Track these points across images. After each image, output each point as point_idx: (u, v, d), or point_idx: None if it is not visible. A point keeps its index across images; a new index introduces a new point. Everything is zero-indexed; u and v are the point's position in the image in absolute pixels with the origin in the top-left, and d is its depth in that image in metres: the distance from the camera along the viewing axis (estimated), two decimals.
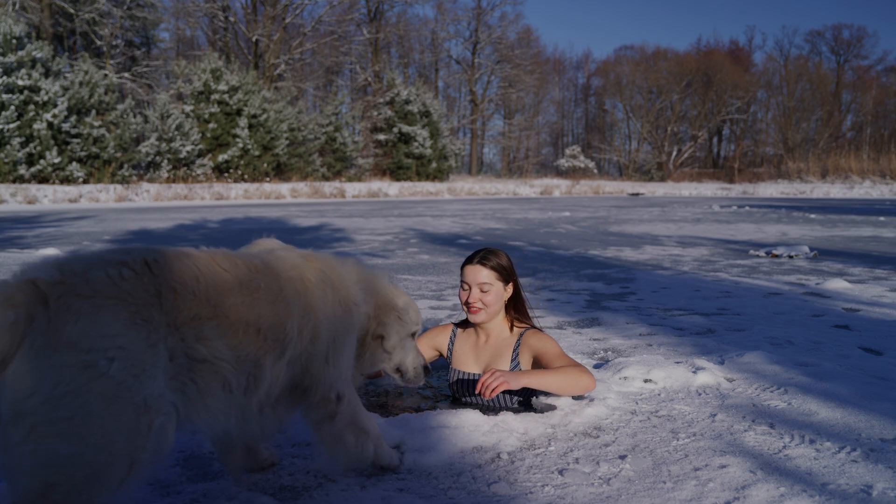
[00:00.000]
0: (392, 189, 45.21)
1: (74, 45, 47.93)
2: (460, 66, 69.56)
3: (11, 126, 32.37)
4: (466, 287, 3.56)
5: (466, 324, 3.76)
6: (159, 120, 39.21)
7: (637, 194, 50.77)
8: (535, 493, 2.49)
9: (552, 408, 3.40)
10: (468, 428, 3.02)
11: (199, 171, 40.56)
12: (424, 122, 52.22)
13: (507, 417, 3.20)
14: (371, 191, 43.24)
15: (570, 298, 7.10)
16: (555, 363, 3.37)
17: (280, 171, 44.56)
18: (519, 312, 3.69)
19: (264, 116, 43.03)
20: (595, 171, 69.90)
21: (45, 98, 33.69)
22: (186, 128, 40.07)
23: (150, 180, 38.56)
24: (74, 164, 34.75)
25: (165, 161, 39.29)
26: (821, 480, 2.57)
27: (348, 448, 2.55)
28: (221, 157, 41.69)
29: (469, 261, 3.58)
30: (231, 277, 2.17)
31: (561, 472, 2.66)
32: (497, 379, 3.08)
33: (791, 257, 10.81)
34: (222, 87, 41.85)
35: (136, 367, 1.87)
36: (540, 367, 3.53)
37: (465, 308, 3.60)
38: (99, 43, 46.67)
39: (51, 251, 10.91)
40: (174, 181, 39.19)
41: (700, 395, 3.66)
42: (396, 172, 51.21)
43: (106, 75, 38.22)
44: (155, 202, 33.67)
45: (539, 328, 3.71)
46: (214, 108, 41.85)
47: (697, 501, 2.42)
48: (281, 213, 23.61)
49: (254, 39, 51.27)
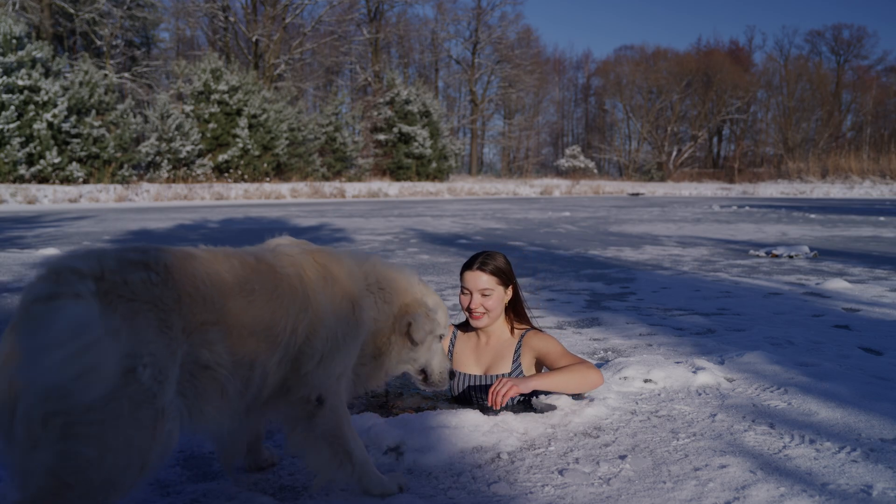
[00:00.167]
0: (392, 189, 45.21)
1: (74, 45, 47.93)
2: (460, 66, 69.62)
3: (11, 126, 32.37)
4: (467, 292, 3.55)
5: (467, 326, 3.76)
6: (159, 120, 39.21)
7: (637, 194, 50.76)
8: (535, 493, 2.49)
9: (552, 408, 3.40)
10: (468, 428, 3.02)
11: (199, 171, 40.56)
12: (424, 122, 52.21)
13: (507, 417, 3.20)
14: (371, 191, 43.23)
15: (570, 298, 7.10)
16: (560, 362, 3.38)
17: (280, 171, 44.55)
18: (518, 315, 3.69)
19: (264, 116, 43.03)
20: (595, 171, 69.89)
21: (45, 98, 33.69)
22: (186, 128, 40.06)
23: (150, 180, 38.55)
24: (74, 164, 34.75)
25: (165, 161, 39.29)
26: (821, 480, 2.57)
27: (322, 461, 2.40)
28: (221, 157, 41.69)
29: (469, 266, 3.57)
30: (231, 279, 2.15)
31: (561, 472, 2.66)
32: (506, 385, 3.10)
33: (791, 257, 10.81)
34: (222, 87, 41.85)
35: (162, 373, 1.88)
36: (544, 367, 3.55)
37: (466, 313, 3.60)
38: (99, 43, 46.68)
39: (51, 251, 10.91)
40: (174, 181, 39.19)
41: (700, 395, 3.66)
42: (396, 172, 51.21)
43: (106, 75, 38.23)
44: (155, 202, 33.67)
45: (539, 328, 3.72)
46: (214, 108, 41.85)
47: (697, 501, 2.42)
48: (281, 213, 23.61)
49: (254, 39, 51.27)
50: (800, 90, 71.96)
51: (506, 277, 3.58)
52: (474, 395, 3.57)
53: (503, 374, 3.53)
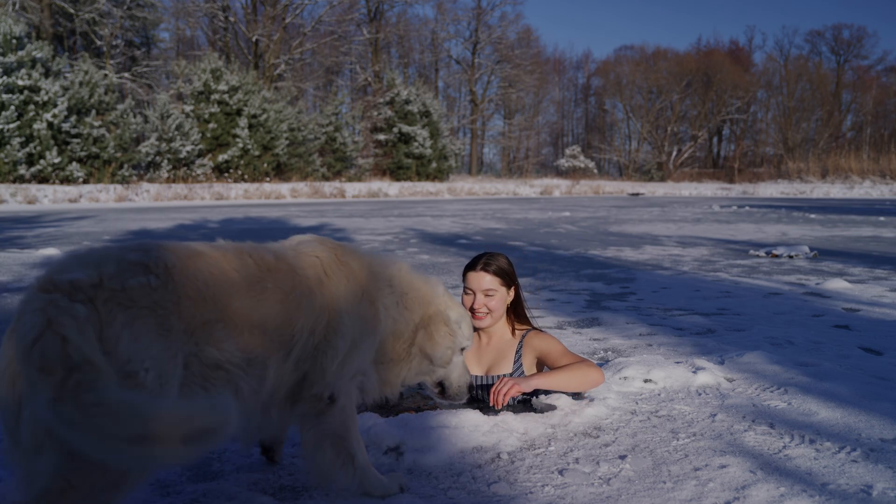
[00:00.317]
0: (392, 189, 45.20)
1: (74, 45, 47.92)
2: (460, 66, 69.60)
3: (11, 126, 32.37)
4: (470, 292, 3.56)
5: None
6: (159, 120, 39.20)
7: (637, 194, 50.75)
8: (535, 493, 2.49)
9: (552, 408, 3.40)
10: (468, 428, 3.02)
11: (199, 171, 40.55)
12: (424, 122, 52.20)
13: (507, 417, 3.20)
14: (371, 191, 43.22)
15: (570, 298, 7.10)
16: (560, 361, 3.40)
17: (280, 171, 44.54)
18: (518, 315, 3.71)
19: (264, 116, 43.02)
20: (595, 171, 69.87)
21: (45, 98, 33.69)
22: (186, 128, 40.06)
23: (150, 180, 38.54)
24: (74, 164, 34.74)
25: (165, 161, 39.28)
26: (821, 480, 2.57)
27: (325, 461, 2.40)
28: (221, 157, 41.67)
29: (472, 267, 3.58)
30: (239, 278, 2.14)
31: (561, 472, 2.66)
32: (507, 385, 3.12)
33: (791, 257, 10.81)
34: (222, 87, 41.84)
35: (162, 376, 1.89)
36: (545, 366, 3.57)
37: (468, 314, 3.61)
38: (99, 43, 46.67)
39: (51, 251, 10.91)
40: (174, 181, 39.18)
41: (700, 395, 3.66)
42: (396, 172, 51.20)
43: (106, 75, 38.21)
44: (155, 202, 33.66)
45: (539, 329, 3.73)
46: (214, 108, 41.84)
47: (697, 501, 2.42)
48: (281, 213, 23.61)
49: (254, 39, 51.26)
50: (800, 90, 71.97)
51: (509, 278, 3.60)
52: (475, 396, 3.57)
53: (505, 375, 3.53)
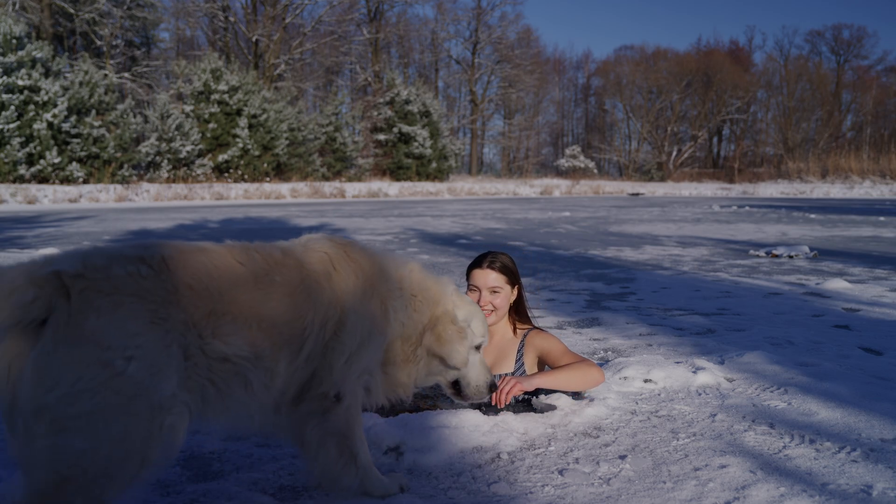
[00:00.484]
0: (392, 189, 45.19)
1: (74, 45, 47.91)
2: (460, 66, 69.59)
3: (11, 126, 32.36)
4: (475, 290, 3.58)
5: None
6: (159, 120, 39.20)
7: (637, 194, 50.75)
8: (535, 493, 2.50)
9: (552, 408, 3.41)
10: (468, 428, 3.02)
11: (199, 171, 40.54)
12: (424, 122, 52.19)
13: (507, 417, 3.20)
14: (371, 191, 43.22)
15: (570, 298, 7.10)
16: (561, 360, 3.42)
17: (280, 171, 44.54)
18: (520, 314, 3.73)
19: (264, 116, 43.01)
20: (595, 171, 69.86)
21: (45, 98, 33.68)
22: (186, 128, 40.05)
23: (150, 180, 38.54)
24: (74, 164, 34.73)
25: (165, 161, 39.27)
26: (821, 480, 2.57)
27: (328, 460, 2.38)
28: (221, 157, 41.66)
29: (478, 264, 3.60)
30: (246, 271, 2.14)
31: (561, 472, 2.66)
32: (510, 383, 3.13)
33: (791, 257, 10.81)
34: (222, 87, 41.83)
35: (153, 366, 1.88)
36: (546, 365, 3.58)
37: (481, 310, 3.61)
38: (99, 43, 46.66)
39: (51, 251, 10.89)
40: (174, 181, 39.17)
41: (700, 395, 3.66)
42: (396, 172, 51.19)
43: (106, 75, 38.20)
44: (155, 202, 33.66)
45: (540, 328, 3.73)
46: (214, 108, 41.83)
47: (697, 501, 2.42)
48: (281, 213, 23.61)
49: (254, 39, 51.25)
50: (800, 90, 71.95)
51: (513, 276, 3.63)
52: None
53: (506, 374, 3.54)
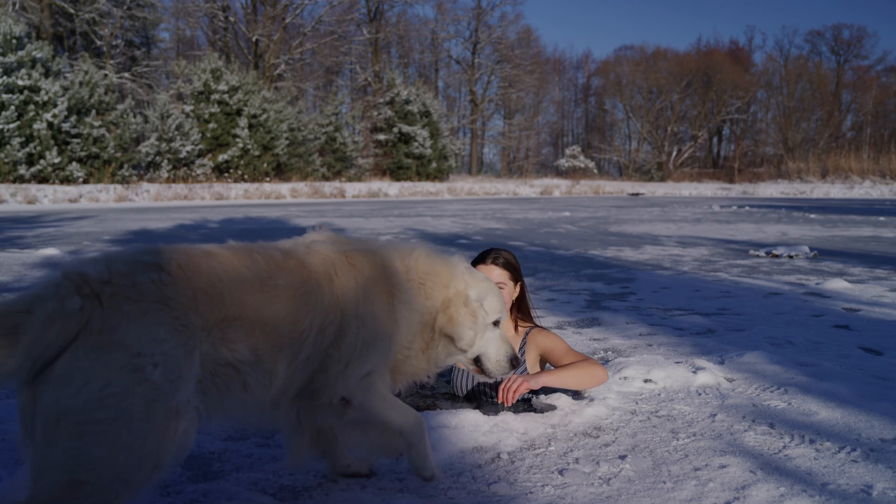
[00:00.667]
0: (392, 189, 45.18)
1: (74, 45, 47.91)
2: (460, 66, 69.59)
3: (11, 126, 32.36)
4: None
5: None
6: (159, 120, 39.19)
7: (637, 194, 50.75)
8: (535, 493, 2.49)
9: (552, 408, 3.41)
10: (468, 428, 3.02)
11: (199, 171, 40.54)
12: (424, 122, 52.19)
13: (507, 417, 3.20)
14: (371, 191, 43.21)
15: (570, 298, 7.10)
16: (564, 359, 3.42)
17: (280, 171, 44.54)
18: (522, 312, 3.72)
19: (264, 116, 43.01)
20: (595, 171, 69.86)
21: (45, 98, 33.68)
22: (186, 128, 40.05)
23: (150, 180, 38.54)
24: (74, 164, 34.73)
25: (165, 161, 39.27)
26: (821, 480, 2.57)
27: (367, 437, 2.45)
28: (221, 157, 41.66)
29: (481, 260, 3.59)
30: (251, 274, 2.14)
31: (561, 472, 2.66)
32: (517, 382, 3.13)
33: (791, 257, 10.81)
34: (222, 87, 41.83)
35: (175, 372, 1.89)
36: (548, 364, 3.59)
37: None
38: (99, 43, 46.66)
39: (51, 251, 10.90)
40: (174, 181, 39.17)
41: (700, 395, 3.66)
42: (396, 172, 51.19)
43: (106, 75, 38.20)
44: (155, 202, 33.65)
45: (542, 327, 3.73)
46: (214, 108, 41.83)
47: (697, 501, 2.42)
48: (281, 213, 23.61)
49: (254, 39, 51.25)
50: (800, 90, 71.95)
51: (516, 273, 3.63)
52: (485, 392, 3.56)
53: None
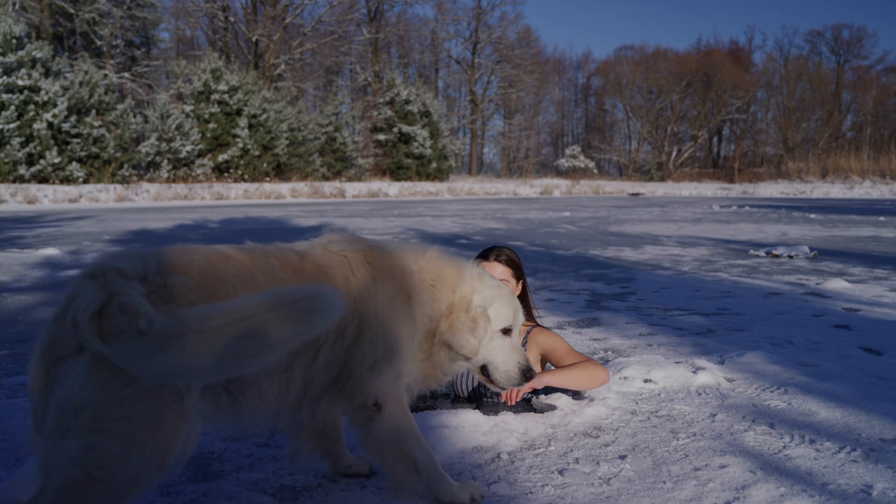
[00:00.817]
0: (392, 189, 45.19)
1: (74, 45, 47.92)
2: (460, 66, 69.60)
3: (11, 126, 32.37)
4: None
5: None
6: (159, 120, 39.21)
7: (637, 194, 50.74)
8: (535, 493, 2.49)
9: (552, 408, 3.41)
10: (468, 428, 3.02)
11: (199, 171, 40.56)
12: (424, 122, 52.21)
13: (507, 417, 3.20)
14: (371, 191, 43.22)
15: (570, 298, 7.10)
16: (566, 359, 3.42)
17: (280, 171, 44.55)
18: (524, 311, 3.69)
19: (264, 116, 43.03)
20: (595, 171, 69.88)
21: (45, 98, 33.69)
22: (186, 128, 40.06)
23: (150, 180, 38.55)
24: (74, 164, 34.75)
25: (165, 161, 39.29)
26: (821, 480, 2.57)
27: (388, 467, 2.36)
28: (221, 157, 41.69)
29: (484, 257, 3.59)
30: (266, 281, 2.13)
31: (561, 472, 2.66)
32: None
33: (791, 257, 10.81)
34: (222, 87, 41.85)
35: None
36: (549, 363, 3.59)
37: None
38: (99, 43, 46.67)
39: (51, 251, 10.90)
40: (174, 181, 39.19)
41: (700, 395, 3.66)
42: (396, 172, 51.21)
43: (106, 75, 38.20)
44: (155, 202, 33.66)
45: (543, 326, 3.73)
46: (214, 108, 41.85)
47: (697, 501, 2.42)
48: (281, 213, 23.61)
49: (254, 39, 51.26)
50: (800, 90, 71.97)
51: (518, 270, 3.63)
52: (485, 393, 3.54)
53: None
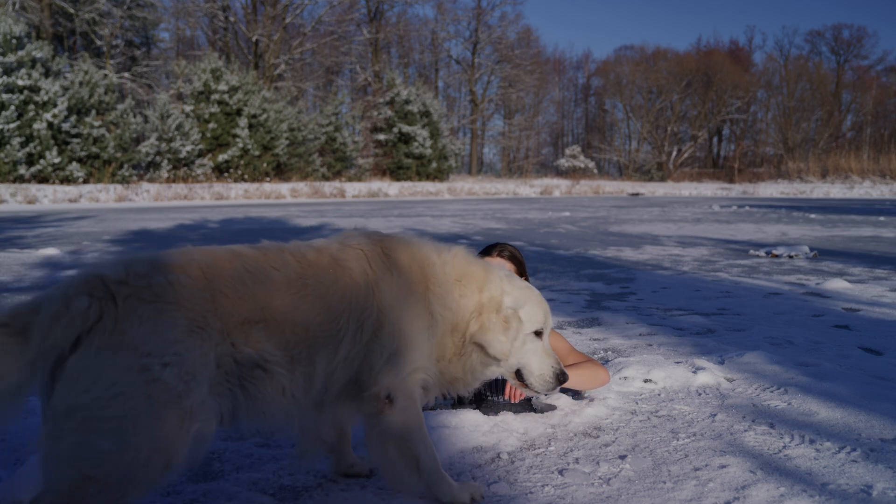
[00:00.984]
0: (392, 189, 45.18)
1: (74, 45, 47.93)
2: (460, 66, 69.61)
3: (11, 126, 32.37)
4: None
5: None
6: (159, 120, 39.21)
7: (637, 194, 50.73)
8: (535, 493, 2.49)
9: (552, 408, 3.41)
10: (468, 428, 3.02)
11: (199, 171, 40.57)
12: (424, 122, 52.21)
13: (507, 417, 3.20)
14: (371, 191, 43.21)
15: (570, 298, 7.10)
16: (567, 359, 3.41)
17: (280, 171, 44.56)
18: None
19: (264, 116, 43.03)
20: (595, 171, 69.87)
21: (45, 98, 33.69)
22: (186, 128, 40.07)
23: (150, 180, 38.55)
24: (74, 164, 34.76)
25: (165, 161, 39.30)
26: (821, 480, 2.57)
27: (388, 462, 2.33)
28: (221, 157, 41.70)
29: (487, 253, 3.59)
30: (280, 276, 2.13)
31: (561, 472, 2.66)
32: None
33: (791, 257, 10.80)
34: (222, 87, 41.85)
35: (189, 373, 1.89)
36: None
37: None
38: (99, 43, 46.67)
39: (51, 251, 10.90)
40: (174, 181, 39.19)
41: (700, 395, 3.66)
42: (396, 172, 51.21)
43: (106, 75, 38.21)
44: (155, 202, 33.65)
45: None
46: (214, 108, 41.86)
47: (697, 501, 2.42)
48: (281, 213, 23.61)
49: (254, 39, 51.27)
50: (800, 90, 71.98)
51: (521, 266, 3.62)
52: (485, 393, 3.55)
53: None
